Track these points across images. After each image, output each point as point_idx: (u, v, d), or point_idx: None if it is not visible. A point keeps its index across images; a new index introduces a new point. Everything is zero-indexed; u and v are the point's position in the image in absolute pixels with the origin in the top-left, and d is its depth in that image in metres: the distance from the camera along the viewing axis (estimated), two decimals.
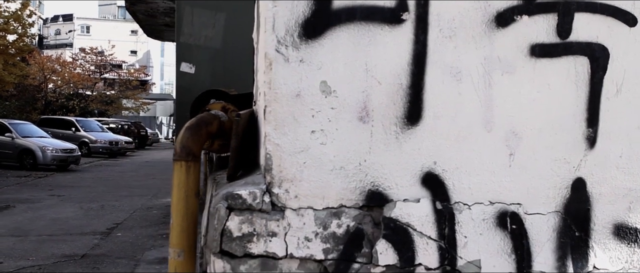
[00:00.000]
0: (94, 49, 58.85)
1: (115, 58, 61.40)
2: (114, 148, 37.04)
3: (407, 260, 2.31)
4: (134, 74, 64.01)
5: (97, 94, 54.07)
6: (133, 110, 59.91)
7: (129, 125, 46.96)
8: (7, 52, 29.00)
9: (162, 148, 48.99)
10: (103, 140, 36.69)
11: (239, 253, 2.21)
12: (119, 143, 37.89)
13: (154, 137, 56.17)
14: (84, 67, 55.82)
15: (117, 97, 57.34)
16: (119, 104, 57.34)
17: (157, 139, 58.67)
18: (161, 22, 10.08)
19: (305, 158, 2.27)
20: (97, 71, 57.81)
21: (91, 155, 34.95)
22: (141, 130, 48.95)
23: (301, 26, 2.28)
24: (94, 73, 57.08)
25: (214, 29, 3.07)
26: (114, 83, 62.41)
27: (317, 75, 2.28)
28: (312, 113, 2.28)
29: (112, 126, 43.70)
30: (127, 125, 46.92)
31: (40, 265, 9.82)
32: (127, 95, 58.39)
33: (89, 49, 58.57)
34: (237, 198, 2.23)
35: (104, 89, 58.16)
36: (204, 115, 2.55)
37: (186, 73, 3.02)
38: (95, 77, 56.84)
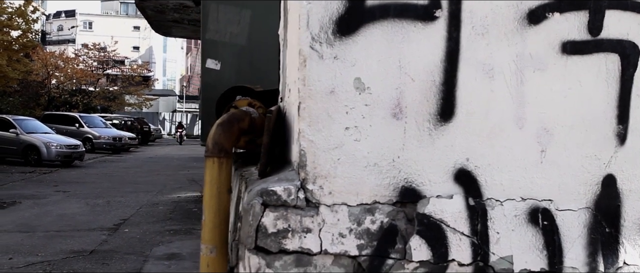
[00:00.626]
0: (97, 45, 58.86)
1: (117, 54, 61.39)
2: (117, 144, 37.06)
3: (441, 256, 2.32)
4: (136, 70, 64.05)
5: (99, 90, 54.09)
6: (136, 106, 59.96)
7: (132, 121, 46.98)
8: (10, 48, 29.02)
9: (165, 144, 49.04)
10: (107, 136, 36.71)
11: (273, 249, 2.23)
12: (123, 139, 37.91)
13: (157, 133, 56.22)
14: (86, 63, 55.82)
15: (120, 93, 57.37)
16: (121, 100, 57.38)
17: (160, 135, 58.71)
18: (170, 18, 10.09)
19: (339, 154, 2.28)
20: (99, 67, 57.83)
21: (95, 151, 34.97)
22: (144, 126, 48.97)
23: (335, 23, 2.29)
24: (97, 69, 57.09)
25: (239, 26, 3.08)
26: (116, 79, 62.45)
27: (351, 72, 2.29)
28: (346, 110, 2.29)
29: (115, 122, 43.72)
30: (130, 121, 46.94)
31: (49, 261, 9.83)
32: (129, 91, 58.42)
33: (92, 45, 58.58)
34: (272, 194, 2.24)
35: (106, 84, 58.19)
36: (235, 112, 2.56)
37: (212, 69, 3.03)
38: (98, 73, 56.86)
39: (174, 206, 15.92)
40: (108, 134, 37.22)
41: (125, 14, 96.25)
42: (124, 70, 63.69)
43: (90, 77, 52.87)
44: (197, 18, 9.87)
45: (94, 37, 71.61)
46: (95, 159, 31.98)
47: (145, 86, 63.79)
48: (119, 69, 63.53)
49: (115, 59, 62.21)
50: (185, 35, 12.79)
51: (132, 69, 64.41)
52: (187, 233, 12.33)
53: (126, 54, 71.40)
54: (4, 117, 27.74)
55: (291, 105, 2.55)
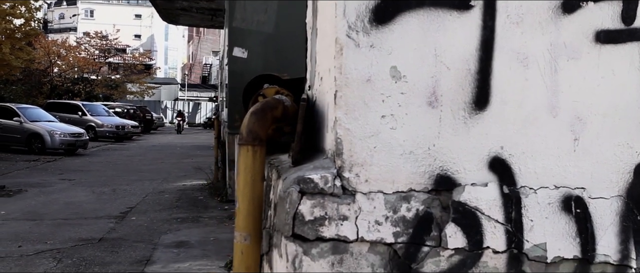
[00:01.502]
0: (99, 33, 58.83)
1: (119, 42, 61.37)
2: (120, 133, 37.13)
3: (476, 243, 2.33)
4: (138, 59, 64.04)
5: (102, 78, 54.10)
6: (138, 94, 59.97)
7: (135, 110, 47.05)
8: (13, 36, 29.01)
9: (167, 132, 49.09)
10: (110, 124, 36.78)
11: (311, 236, 2.24)
12: (126, 128, 37.99)
13: (159, 122, 56.29)
14: (88, 52, 55.81)
15: (122, 81, 57.38)
16: (123, 88, 57.40)
17: (162, 123, 58.77)
18: (178, 7, 10.09)
19: (375, 142, 2.29)
20: (101, 55, 57.81)
21: (98, 140, 35.05)
22: (146, 114, 49.05)
23: (372, 11, 2.29)
24: (99, 57, 57.08)
25: (266, 14, 3.08)
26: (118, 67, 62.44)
27: (388, 61, 2.30)
28: (382, 98, 2.30)
29: (117, 110, 43.78)
30: (133, 109, 47.01)
31: (58, 249, 9.87)
32: (131, 80, 58.44)
33: (94, 33, 58.55)
34: (309, 182, 2.25)
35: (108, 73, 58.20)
36: (269, 100, 2.57)
37: (239, 58, 3.03)
38: (100, 61, 56.85)
39: (180, 194, 15.96)
40: (111, 122, 37.29)
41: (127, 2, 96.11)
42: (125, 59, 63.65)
43: (92, 66, 52.88)
44: (206, 6, 9.87)
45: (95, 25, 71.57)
46: (98, 147, 32.05)
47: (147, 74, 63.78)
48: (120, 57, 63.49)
49: (117, 47, 62.18)
50: (193, 23, 12.79)
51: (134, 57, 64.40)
52: (194, 221, 12.36)
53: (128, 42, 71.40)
54: (8, 106, 27.79)
55: (324, 93, 2.56)
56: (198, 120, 68.77)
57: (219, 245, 10.39)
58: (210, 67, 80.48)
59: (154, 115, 53.03)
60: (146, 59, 66.90)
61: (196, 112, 70.55)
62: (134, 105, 50.27)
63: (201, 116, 68.75)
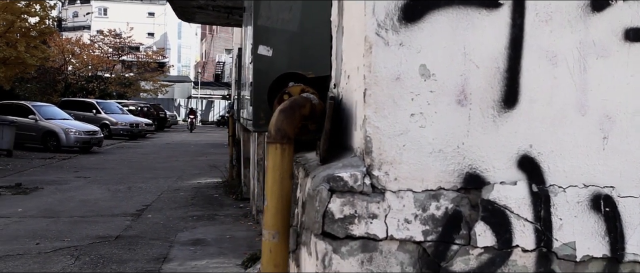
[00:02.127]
0: (112, 31, 59.01)
1: (133, 40, 61.55)
2: (134, 131, 37.25)
3: (505, 242, 2.33)
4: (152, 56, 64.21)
5: (115, 76, 54.28)
6: (151, 92, 60.13)
7: (149, 107, 47.20)
8: (28, 34, 29.13)
9: (181, 130, 49.23)
10: (124, 122, 36.92)
11: (340, 234, 2.24)
12: (140, 126, 38.12)
13: (173, 119, 56.43)
14: (102, 50, 55.99)
15: (136, 79, 57.55)
16: (137, 86, 57.57)
17: (176, 121, 58.91)
18: (195, 5, 10.11)
19: (404, 141, 2.30)
20: (115, 53, 57.99)
21: (112, 137, 35.18)
22: (160, 112, 49.19)
23: (401, 10, 2.30)
24: (112, 55, 57.27)
25: (290, 12, 3.08)
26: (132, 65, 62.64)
27: (417, 59, 2.30)
28: (411, 96, 2.30)
29: (131, 108, 43.91)
30: (147, 107, 47.16)
31: (76, 246, 9.93)
32: (145, 78, 58.60)
33: (107, 31, 58.74)
34: (339, 180, 2.25)
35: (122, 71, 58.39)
36: (297, 98, 2.58)
37: (263, 56, 3.04)
38: (114, 59, 57.04)
39: (195, 192, 16.01)
40: (125, 120, 37.42)
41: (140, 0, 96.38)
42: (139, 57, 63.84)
43: (106, 64, 53.07)
44: (222, 4, 9.88)
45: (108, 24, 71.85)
46: (112, 145, 32.18)
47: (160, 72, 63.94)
48: (134, 55, 63.68)
49: (131, 45, 62.36)
50: (209, 22, 12.81)
51: (147, 55, 64.57)
52: (209, 219, 12.40)
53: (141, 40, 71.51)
54: (24, 104, 27.95)
55: (351, 91, 2.57)
56: (211, 118, 68.87)
57: (235, 243, 10.42)
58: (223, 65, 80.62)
59: (168, 113, 53.16)
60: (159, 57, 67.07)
61: (209, 109, 70.65)
62: (148, 103, 50.43)
63: (214, 114, 68.86)
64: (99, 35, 58.65)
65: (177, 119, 61.27)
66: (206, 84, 77.62)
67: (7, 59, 26.74)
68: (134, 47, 64.27)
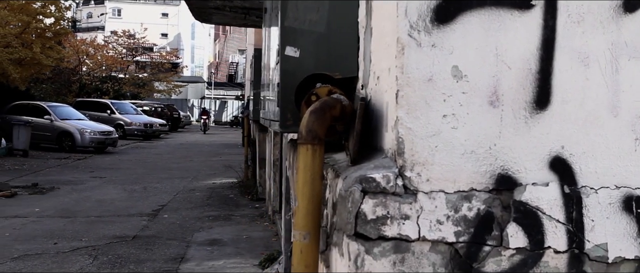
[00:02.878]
0: (126, 32, 59.20)
1: (146, 41, 61.72)
2: (148, 131, 37.40)
3: (537, 243, 2.33)
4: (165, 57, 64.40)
5: (129, 76, 54.45)
6: (165, 93, 60.28)
7: (162, 108, 47.36)
8: (44, 35, 29.28)
9: (195, 130, 49.34)
10: (138, 122, 37.06)
11: (373, 235, 2.25)
12: (154, 126, 38.27)
13: (186, 120, 56.58)
14: (116, 50, 56.17)
15: (150, 79, 57.71)
16: (151, 87, 57.73)
17: (189, 122, 59.06)
18: (212, 5, 10.12)
19: (436, 142, 2.30)
20: (129, 54, 58.18)
21: (126, 138, 35.30)
22: (174, 112, 49.34)
23: (433, 11, 2.30)
24: (126, 56, 57.46)
25: (318, 13, 3.08)
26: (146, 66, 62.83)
27: (449, 60, 2.31)
28: (443, 97, 2.31)
29: (145, 109, 44.06)
30: (161, 107, 47.32)
31: (93, 246, 9.98)
32: (159, 78, 58.75)
33: (121, 32, 58.92)
34: (371, 181, 2.26)
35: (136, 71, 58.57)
36: (327, 99, 2.58)
37: (291, 57, 3.04)
38: (128, 60, 57.24)
39: (210, 192, 16.05)
40: (139, 120, 37.56)
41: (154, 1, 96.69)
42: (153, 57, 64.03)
43: (119, 64, 53.25)
44: (239, 5, 9.89)
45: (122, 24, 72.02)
46: (127, 145, 32.31)
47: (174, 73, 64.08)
48: (148, 56, 63.88)
49: (144, 46, 62.55)
50: (225, 22, 12.82)
51: (161, 56, 64.77)
52: (226, 219, 12.44)
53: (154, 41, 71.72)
54: (39, 104, 28.10)
55: (381, 92, 2.57)
56: (224, 118, 68.97)
57: (251, 243, 10.44)
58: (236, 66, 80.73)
59: (181, 114, 53.30)
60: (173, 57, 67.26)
61: (223, 110, 70.74)
62: (162, 104, 50.58)
63: (228, 114, 68.95)
64: (113, 35, 58.82)
65: (191, 119, 61.40)
66: (219, 84, 77.75)
67: (22, 60, 26.87)
68: (147, 48, 64.43)
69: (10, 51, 25.59)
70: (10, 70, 25.47)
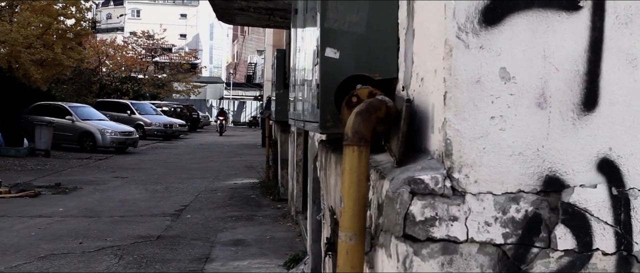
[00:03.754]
0: (145, 33, 59.51)
1: (165, 41, 62.02)
2: (168, 131, 37.57)
3: (585, 245, 2.33)
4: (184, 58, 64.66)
5: (148, 77, 54.71)
6: (184, 93, 60.54)
7: (182, 108, 47.55)
8: (65, 36, 29.45)
9: (213, 131, 49.39)
10: (158, 123, 37.24)
11: (421, 237, 2.25)
12: (173, 126, 38.45)
13: (205, 120, 56.76)
14: (135, 51, 56.49)
15: (169, 80, 57.98)
16: (170, 87, 57.98)
17: (208, 122, 59.24)
18: (236, 6, 10.15)
19: (484, 143, 2.30)
20: (148, 54, 58.48)
21: (146, 138, 35.47)
22: (193, 113, 49.52)
23: (481, 13, 2.30)
24: (146, 56, 57.74)
25: (358, 14, 3.09)
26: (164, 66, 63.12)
27: (497, 62, 2.31)
28: (491, 99, 2.31)
29: (165, 109, 44.25)
30: (180, 108, 47.53)
31: (118, 246, 10.04)
32: (178, 79, 59.01)
33: (141, 33, 59.24)
34: (420, 183, 2.26)
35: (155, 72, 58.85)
36: (372, 101, 2.59)
37: (330, 58, 3.05)
38: (147, 60, 57.52)
39: (232, 193, 16.11)
40: (159, 120, 37.73)
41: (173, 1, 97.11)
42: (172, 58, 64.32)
43: (139, 65, 53.53)
44: (264, 6, 9.92)
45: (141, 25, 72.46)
46: (147, 146, 32.48)
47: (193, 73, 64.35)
48: (167, 57, 64.17)
49: (163, 47, 62.84)
50: (249, 23, 12.86)
51: (180, 57, 65.04)
52: (248, 219, 12.47)
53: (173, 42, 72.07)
54: (60, 104, 28.31)
55: (426, 94, 2.57)
56: (243, 118, 69.13)
57: (275, 243, 10.47)
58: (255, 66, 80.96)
59: (200, 114, 53.47)
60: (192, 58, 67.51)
61: (241, 110, 70.88)
62: (181, 104, 50.80)
63: (246, 115, 69.11)
64: (132, 36, 59.15)
65: (210, 119, 61.55)
66: (238, 84, 77.97)
67: (44, 61, 27.05)
68: (166, 49, 64.72)
69: (32, 52, 25.76)
70: (32, 70, 25.63)
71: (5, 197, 14.29)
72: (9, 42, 24.04)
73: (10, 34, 23.89)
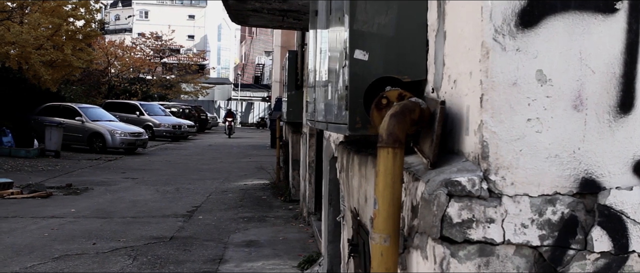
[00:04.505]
0: (154, 34, 59.64)
1: (174, 43, 62.15)
2: (177, 132, 37.64)
3: (621, 247, 2.33)
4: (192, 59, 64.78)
5: (157, 78, 54.83)
6: (192, 94, 60.64)
7: (190, 109, 47.60)
8: (75, 37, 29.52)
9: (221, 132, 49.40)
10: (167, 124, 37.31)
11: (458, 239, 2.26)
12: (182, 127, 38.51)
13: (213, 121, 56.82)
14: (144, 52, 56.62)
15: (177, 81, 58.10)
16: (178, 88, 58.09)
17: (216, 123, 59.29)
18: (250, 8, 10.15)
19: (521, 146, 2.31)
20: (157, 56, 58.61)
21: (155, 139, 35.53)
22: (201, 114, 49.58)
23: (518, 15, 2.31)
24: (154, 57, 57.88)
25: (387, 16, 3.10)
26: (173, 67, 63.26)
27: (533, 64, 2.31)
28: (528, 101, 2.31)
29: (173, 110, 44.31)
30: (188, 109, 47.57)
31: (132, 247, 10.05)
32: (186, 80, 59.12)
33: (149, 34, 59.38)
34: (457, 185, 2.27)
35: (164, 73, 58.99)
36: (406, 103, 2.60)
37: (359, 60, 3.06)
38: (156, 61, 57.65)
39: (243, 194, 16.12)
40: (168, 121, 37.80)
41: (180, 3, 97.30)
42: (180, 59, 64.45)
43: (148, 66, 53.64)
44: (278, 7, 9.92)
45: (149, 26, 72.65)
46: (156, 147, 32.53)
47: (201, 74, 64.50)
48: (175, 58, 64.31)
49: (172, 48, 62.98)
50: (262, 24, 12.86)
51: (188, 58, 65.16)
52: (260, 220, 12.48)
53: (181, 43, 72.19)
54: (70, 106, 28.40)
55: (459, 96, 2.58)
56: (251, 119, 69.22)
57: (288, 244, 10.48)
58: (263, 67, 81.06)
59: (208, 115, 53.55)
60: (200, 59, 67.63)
61: (249, 111, 70.98)
62: (189, 105, 50.86)
63: (254, 116, 69.20)
64: (141, 37, 59.30)
65: (218, 120, 61.59)
66: (246, 86, 78.04)
67: (54, 62, 27.14)
68: (174, 50, 64.86)
69: (42, 53, 25.84)
70: (41, 71, 25.70)
71: (18, 198, 14.34)
72: (20, 43, 24.11)
73: (22, 36, 23.95)
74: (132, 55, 52.29)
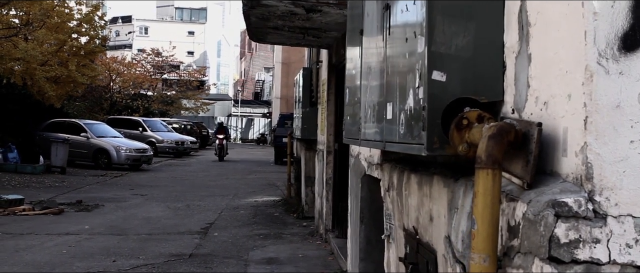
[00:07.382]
0: (154, 50, 59.74)
1: (174, 59, 62.25)
2: (180, 148, 37.69)
3: None
4: (193, 75, 64.89)
5: (157, 94, 54.87)
6: (192, 110, 60.68)
7: (192, 125, 47.69)
8: (79, 53, 29.56)
9: None
10: (170, 140, 37.38)
11: (566, 259, 2.30)
12: (185, 143, 38.57)
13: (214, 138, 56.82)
14: (144, 68, 56.69)
15: (178, 97, 58.15)
16: (179, 104, 58.15)
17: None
18: (271, 25, 10.21)
19: (624, 167, 2.35)
20: (157, 72, 58.69)
21: (158, 155, 35.53)
22: (203, 130, 49.66)
23: (621, 39, 2.35)
24: (154, 73, 57.94)
25: (464, 38, 3.15)
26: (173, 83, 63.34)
27: (636, 87, 2.36)
28: (631, 123, 2.35)
29: (175, 126, 44.35)
30: (190, 125, 47.65)
31: (152, 264, 10.05)
32: (187, 96, 59.18)
33: (150, 50, 59.49)
34: (564, 205, 2.31)
35: (164, 89, 59.04)
36: (503, 125, 2.64)
37: (437, 81, 3.11)
38: (157, 77, 57.72)
39: (254, 210, 16.12)
40: (171, 138, 37.86)
41: (180, 19, 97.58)
42: (181, 75, 64.55)
43: (149, 82, 53.70)
44: (299, 25, 9.98)
45: (149, 42, 72.75)
46: (160, 163, 32.55)
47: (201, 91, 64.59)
48: (176, 74, 64.41)
49: (172, 64, 63.07)
50: (280, 42, 12.91)
51: (189, 74, 65.27)
52: (277, 237, 12.49)
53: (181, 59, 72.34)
54: (75, 122, 28.45)
55: (552, 118, 2.62)
56: (251, 135, 69.32)
57: (309, 262, 10.49)
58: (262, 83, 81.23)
59: (210, 131, 53.61)
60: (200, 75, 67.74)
61: (249, 127, 71.09)
62: (191, 121, 50.94)
63: (254, 132, 69.30)
64: (141, 53, 59.41)
65: None
66: (246, 102, 78.14)
67: (58, 78, 27.16)
68: (174, 66, 64.96)
69: (46, 69, 25.85)
70: (46, 88, 25.70)
71: (30, 215, 14.32)
72: (26, 59, 24.13)
73: (29, 52, 23.98)
74: (133, 72, 52.33)
